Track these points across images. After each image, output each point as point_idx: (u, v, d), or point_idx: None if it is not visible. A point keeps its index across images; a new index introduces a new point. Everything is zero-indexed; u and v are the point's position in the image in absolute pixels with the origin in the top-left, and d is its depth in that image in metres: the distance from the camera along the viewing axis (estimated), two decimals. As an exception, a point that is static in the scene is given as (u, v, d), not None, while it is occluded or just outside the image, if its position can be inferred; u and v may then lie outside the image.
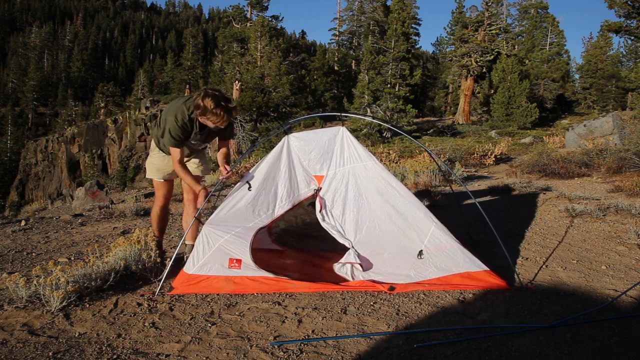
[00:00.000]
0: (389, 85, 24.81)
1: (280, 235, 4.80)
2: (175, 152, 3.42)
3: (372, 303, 3.06)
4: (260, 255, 3.75)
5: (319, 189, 3.42)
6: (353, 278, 3.33)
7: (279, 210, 3.40)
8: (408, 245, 3.25)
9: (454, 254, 3.23)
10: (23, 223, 6.97)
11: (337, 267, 3.32)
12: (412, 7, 37.20)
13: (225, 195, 3.62)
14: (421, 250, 3.22)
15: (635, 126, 11.49)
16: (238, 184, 3.58)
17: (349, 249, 3.34)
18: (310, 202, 3.47)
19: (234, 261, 3.38)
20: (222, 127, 3.36)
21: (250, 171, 3.69)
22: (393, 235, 3.29)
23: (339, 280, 3.37)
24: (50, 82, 66.52)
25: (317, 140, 3.63)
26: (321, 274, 3.66)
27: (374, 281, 3.30)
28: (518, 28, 34.06)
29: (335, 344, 2.54)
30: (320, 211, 3.36)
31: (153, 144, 3.80)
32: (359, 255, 3.26)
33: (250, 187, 3.41)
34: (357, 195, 3.38)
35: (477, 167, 13.01)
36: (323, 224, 3.34)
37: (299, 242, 4.66)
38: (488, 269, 3.20)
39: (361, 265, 3.25)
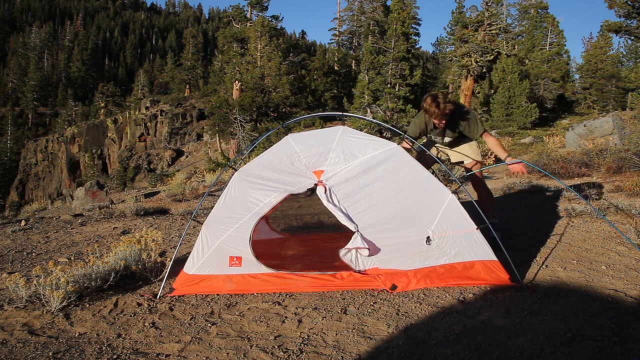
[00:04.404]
0: (389, 85, 24.81)
1: (279, 224, 4.85)
2: (406, 142, 4.13)
3: (372, 303, 3.06)
4: (261, 247, 3.77)
5: (319, 182, 3.42)
6: (357, 266, 3.34)
7: (277, 199, 3.39)
8: (415, 232, 3.25)
9: (461, 241, 3.22)
10: (23, 223, 6.97)
11: (342, 253, 3.32)
12: (412, 7, 37.20)
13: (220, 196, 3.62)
14: (428, 237, 3.22)
15: (635, 126, 11.50)
16: (230, 180, 3.59)
17: (351, 231, 3.33)
18: (310, 189, 3.46)
19: (235, 259, 3.39)
20: (437, 121, 3.85)
21: (251, 162, 3.69)
22: (400, 221, 3.29)
23: (342, 266, 3.37)
24: (50, 82, 66.46)
25: (318, 138, 3.64)
26: (324, 261, 3.69)
27: (377, 275, 3.30)
28: (518, 28, 34.02)
29: (335, 344, 2.54)
30: (324, 193, 3.36)
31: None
32: (364, 239, 3.26)
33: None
34: (363, 185, 3.37)
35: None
36: (328, 205, 3.33)
37: (299, 228, 4.70)
38: (495, 259, 3.19)
39: (367, 249, 3.25)
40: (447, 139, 4.20)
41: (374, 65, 24.35)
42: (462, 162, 4.38)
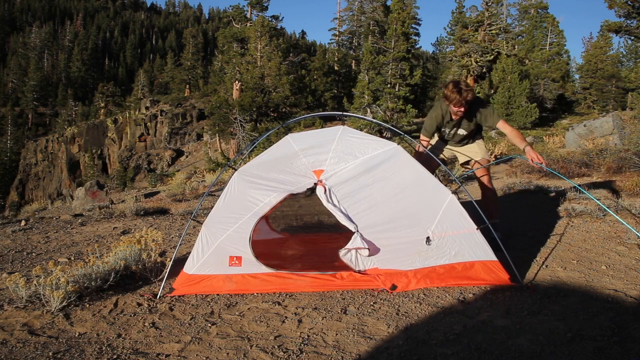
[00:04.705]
0: (389, 85, 24.81)
1: (279, 224, 4.85)
2: (422, 138, 4.23)
3: (372, 303, 3.06)
4: (261, 247, 3.76)
5: (319, 181, 3.42)
6: (357, 266, 3.34)
7: (277, 198, 3.39)
8: (415, 232, 3.25)
9: (461, 241, 3.22)
10: (23, 223, 6.97)
11: (342, 253, 3.32)
12: (412, 7, 37.20)
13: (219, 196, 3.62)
14: (428, 237, 3.22)
15: (635, 126, 11.50)
16: (230, 180, 3.59)
17: (350, 231, 3.34)
18: (309, 188, 3.46)
19: (234, 259, 3.38)
20: (457, 108, 3.82)
21: (251, 162, 3.69)
22: (400, 221, 3.29)
23: (342, 266, 3.37)
24: (50, 82, 66.44)
25: (318, 138, 3.64)
26: (324, 261, 3.70)
27: (377, 275, 3.30)
28: (518, 28, 34.01)
29: (335, 344, 2.54)
30: (324, 193, 3.36)
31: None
32: (364, 239, 3.26)
33: None
34: (362, 185, 3.37)
35: (477, 167, 12.98)
36: (328, 205, 3.33)
37: (299, 228, 4.70)
38: (495, 259, 3.19)
39: (367, 250, 3.24)
40: (461, 131, 4.17)
41: (374, 65, 24.35)
42: (469, 162, 4.37)
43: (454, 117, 4.01)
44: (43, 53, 69.85)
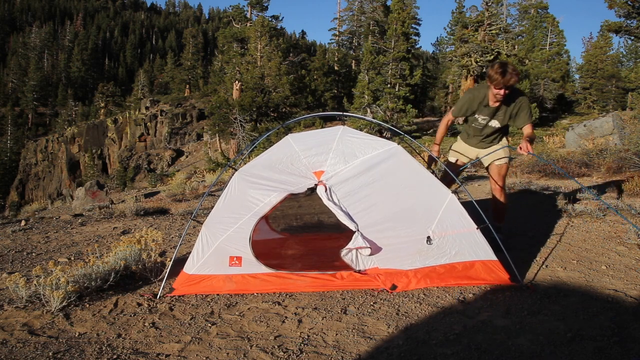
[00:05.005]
0: (389, 85, 24.81)
1: (279, 223, 4.86)
2: (448, 117, 4.18)
3: (372, 303, 3.06)
4: (261, 247, 3.76)
5: (319, 182, 3.42)
6: (357, 266, 3.34)
7: (277, 198, 3.39)
8: (415, 231, 3.25)
9: (461, 240, 3.22)
10: (23, 223, 6.97)
11: (343, 253, 3.32)
12: (412, 7, 37.21)
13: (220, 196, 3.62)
14: (429, 236, 3.22)
15: (635, 126, 11.50)
16: (230, 180, 3.58)
17: (350, 231, 3.33)
18: (310, 188, 3.46)
19: (235, 259, 3.38)
20: (497, 90, 3.62)
21: (251, 162, 3.69)
22: (400, 220, 3.29)
23: (342, 266, 3.37)
24: (50, 82, 66.46)
25: (318, 138, 3.64)
26: (324, 261, 3.70)
27: (377, 274, 3.30)
28: (518, 28, 34.03)
29: (335, 344, 2.54)
30: (325, 191, 3.36)
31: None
32: (365, 239, 3.26)
33: None
34: (363, 184, 3.37)
35: (477, 167, 13.00)
36: (328, 204, 3.33)
37: (299, 228, 4.70)
38: (495, 259, 3.19)
39: (369, 248, 3.24)
40: (494, 123, 3.95)
41: (374, 65, 24.36)
42: (489, 166, 4.23)
43: (491, 103, 3.81)
44: (43, 53, 69.86)
